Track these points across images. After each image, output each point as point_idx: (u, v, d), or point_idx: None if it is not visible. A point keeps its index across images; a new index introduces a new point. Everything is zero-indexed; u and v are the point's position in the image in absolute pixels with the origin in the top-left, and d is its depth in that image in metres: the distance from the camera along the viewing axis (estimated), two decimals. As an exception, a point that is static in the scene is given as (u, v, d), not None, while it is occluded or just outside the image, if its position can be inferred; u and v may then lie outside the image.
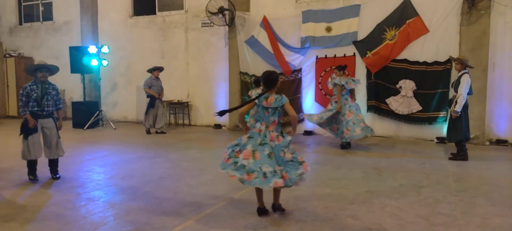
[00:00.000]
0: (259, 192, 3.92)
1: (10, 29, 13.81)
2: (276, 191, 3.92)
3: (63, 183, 5.15)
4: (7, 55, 13.32)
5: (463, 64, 6.37)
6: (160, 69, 9.80)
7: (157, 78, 9.70)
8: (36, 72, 5.20)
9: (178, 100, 11.15)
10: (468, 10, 7.83)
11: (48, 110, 5.27)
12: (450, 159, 6.57)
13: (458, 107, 6.24)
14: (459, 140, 6.46)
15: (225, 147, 3.97)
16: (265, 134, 3.77)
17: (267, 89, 3.86)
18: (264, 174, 3.61)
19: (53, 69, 5.39)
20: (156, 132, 9.72)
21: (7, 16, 13.82)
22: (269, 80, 3.85)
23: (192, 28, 11.00)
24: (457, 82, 6.37)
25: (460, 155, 6.50)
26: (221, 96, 10.74)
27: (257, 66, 9.94)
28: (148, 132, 9.67)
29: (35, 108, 5.18)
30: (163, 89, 9.81)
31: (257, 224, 3.68)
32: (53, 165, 5.42)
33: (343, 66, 7.51)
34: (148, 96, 9.65)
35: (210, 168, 5.97)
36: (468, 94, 6.32)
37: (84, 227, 3.65)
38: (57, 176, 5.39)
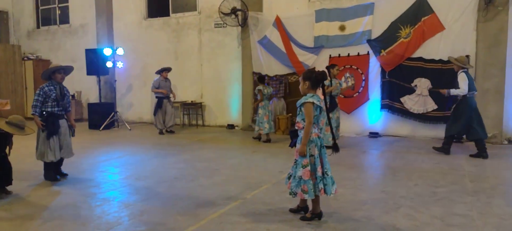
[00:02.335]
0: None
1: (28, 33, 14.15)
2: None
3: (79, 183, 5.24)
4: (25, 58, 13.66)
5: (459, 66, 6.56)
6: (168, 70, 9.92)
7: (166, 79, 9.81)
8: (55, 74, 5.27)
9: (192, 101, 11.24)
10: (485, 6, 7.68)
11: (66, 110, 5.38)
12: (434, 148, 6.90)
13: (453, 91, 6.49)
14: (450, 135, 6.72)
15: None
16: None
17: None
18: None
19: (68, 70, 5.50)
20: (166, 131, 9.87)
21: (25, 20, 14.16)
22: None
23: (205, 29, 11.08)
24: (456, 82, 6.54)
25: (444, 148, 6.78)
26: (234, 97, 10.78)
27: (270, 66, 9.95)
28: (161, 133, 9.78)
29: (56, 109, 5.23)
30: (171, 90, 9.96)
31: (270, 223, 3.68)
32: (60, 164, 5.51)
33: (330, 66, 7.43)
34: (156, 97, 9.81)
35: (223, 168, 6.01)
36: (470, 90, 6.41)
37: (100, 226, 3.71)
38: (65, 173, 5.55)
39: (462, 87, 6.37)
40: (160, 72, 9.83)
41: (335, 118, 7.31)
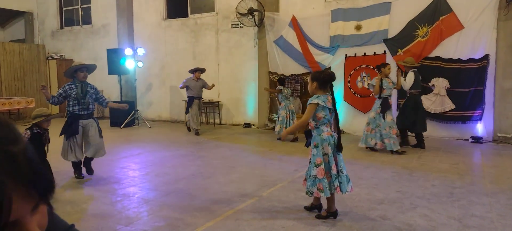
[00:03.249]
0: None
1: (52, 33, 14.58)
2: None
3: (101, 180, 5.41)
4: (49, 58, 14.09)
5: (408, 67, 7.31)
6: (202, 70, 9.62)
7: (198, 79, 9.46)
8: (77, 73, 5.21)
9: (209, 100, 11.38)
10: (506, 4, 7.51)
11: (89, 109, 5.28)
12: (412, 146, 7.33)
13: (402, 80, 7.15)
14: (404, 128, 7.33)
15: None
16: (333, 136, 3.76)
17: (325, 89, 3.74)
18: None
19: (91, 68, 5.46)
20: (188, 128, 9.75)
21: (50, 20, 14.60)
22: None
23: (222, 29, 11.20)
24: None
25: (420, 143, 7.29)
26: (251, 96, 10.87)
27: (286, 66, 9.99)
28: (197, 133, 9.48)
29: (76, 108, 5.17)
30: (204, 88, 9.56)
31: (285, 222, 3.75)
32: (89, 163, 5.46)
33: (380, 65, 7.05)
34: (187, 95, 9.56)
35: (240, 166, 6.10)
36: (414, 88, 7.19)
37: (120, 221, 3.84)
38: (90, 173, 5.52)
39: (407, 82, 7.15)
40: (193, 71, 9.52)
41: (389, 120, 6.87)
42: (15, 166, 0.55)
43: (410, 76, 7.15)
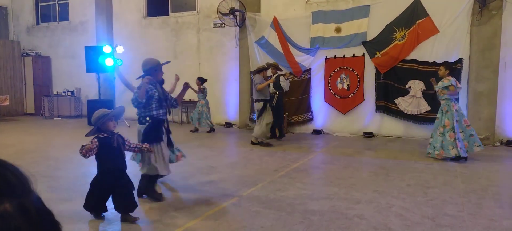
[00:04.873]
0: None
1: (28, 29, 14.18)
2: None
3: (77, 180, 5.31)
4: (24, 55, 13.69)
5: (276, 70, 8.27)
6: (276, 67, 8.29)
7: (268, 77, 7.94)
8: (157, 72, 4.41)
9: (190, 99, 11.31)
10: (479, 10, 7.78)
11: (169, 113, 4.51)
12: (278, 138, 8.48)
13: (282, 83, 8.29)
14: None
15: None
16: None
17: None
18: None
19: (165, 64, 4.72)
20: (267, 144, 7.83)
21: (25, 16, 14.19)
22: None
23: (203, 28, 11.15)
24: (278, 82, 8.22)
25: (282, 135, 8.62)
26: (232, 96, 10.87)
27: (268, 66, 10.05)
28: (269, 144, 7.81)
29: (161, 111, 4.32)
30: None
31: (264, 221, 3.78)
32: (154, 183, 4.49)
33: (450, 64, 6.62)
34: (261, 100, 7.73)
35: (220, 166, 6.10)
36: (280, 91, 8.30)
37: (97, 223, 3.80)
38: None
39: (285, 87, 8.28)
40: (259, 71, 7.78)
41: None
42: (28, 217, 0.62)
43: (282, 80, 8.27)
